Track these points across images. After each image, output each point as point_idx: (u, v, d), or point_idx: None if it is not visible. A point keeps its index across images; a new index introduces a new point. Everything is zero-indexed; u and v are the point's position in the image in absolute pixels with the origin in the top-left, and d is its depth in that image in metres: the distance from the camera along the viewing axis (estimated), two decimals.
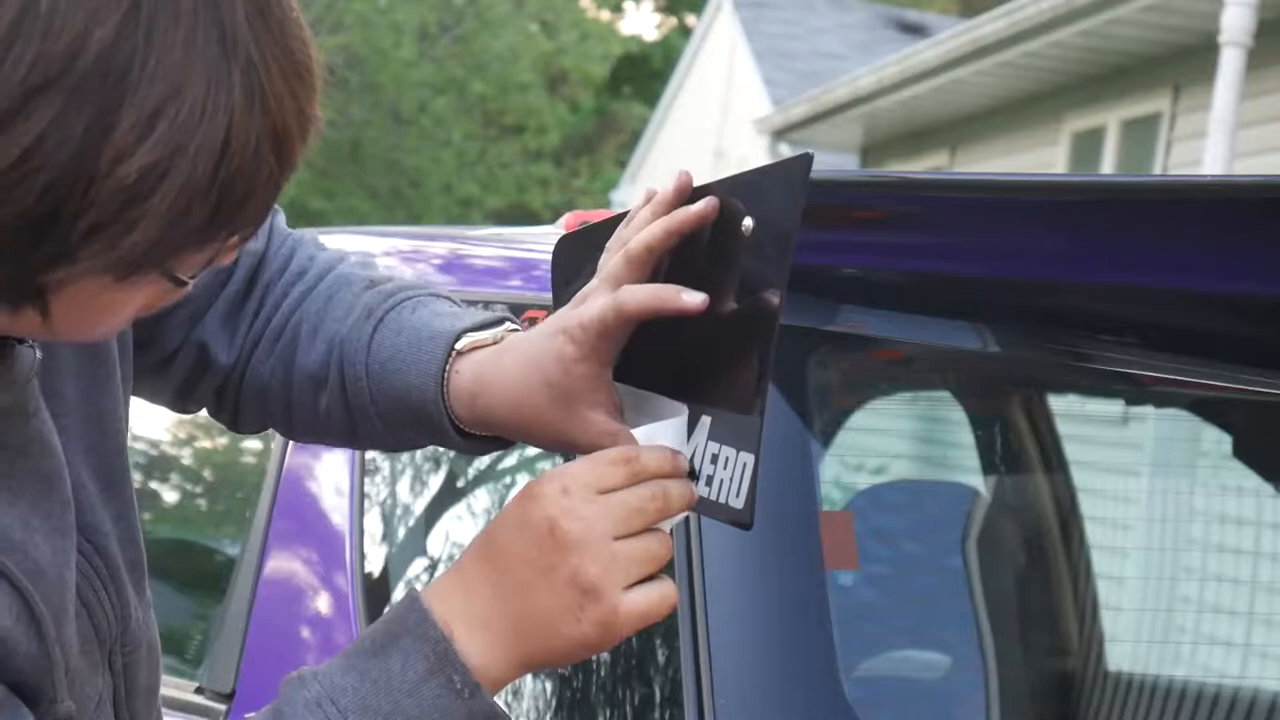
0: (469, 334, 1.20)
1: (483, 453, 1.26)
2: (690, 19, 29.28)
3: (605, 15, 29.13)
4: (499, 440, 1.23)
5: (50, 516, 1.06)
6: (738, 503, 1.08)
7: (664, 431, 1.11)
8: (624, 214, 1.21)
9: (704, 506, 1.12)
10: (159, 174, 0.87)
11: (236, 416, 1.33)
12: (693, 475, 1.11)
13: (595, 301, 1.11)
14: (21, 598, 1.01)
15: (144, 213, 0.88)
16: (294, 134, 0.94)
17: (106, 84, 0.86)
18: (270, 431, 1.37)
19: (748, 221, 1.07)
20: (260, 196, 0.94)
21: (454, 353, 1.20)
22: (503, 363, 1.17)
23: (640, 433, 1.11)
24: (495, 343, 1.20)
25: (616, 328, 1.10)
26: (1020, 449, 2.34)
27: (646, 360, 1.15)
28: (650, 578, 1.04)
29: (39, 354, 1.05)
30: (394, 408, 1.22)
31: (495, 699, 1.05)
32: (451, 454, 1.91)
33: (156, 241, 0.90)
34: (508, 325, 1.22)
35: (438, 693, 1.01)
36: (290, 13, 0.94)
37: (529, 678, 1.63)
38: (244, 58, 0.90)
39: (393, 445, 1.29)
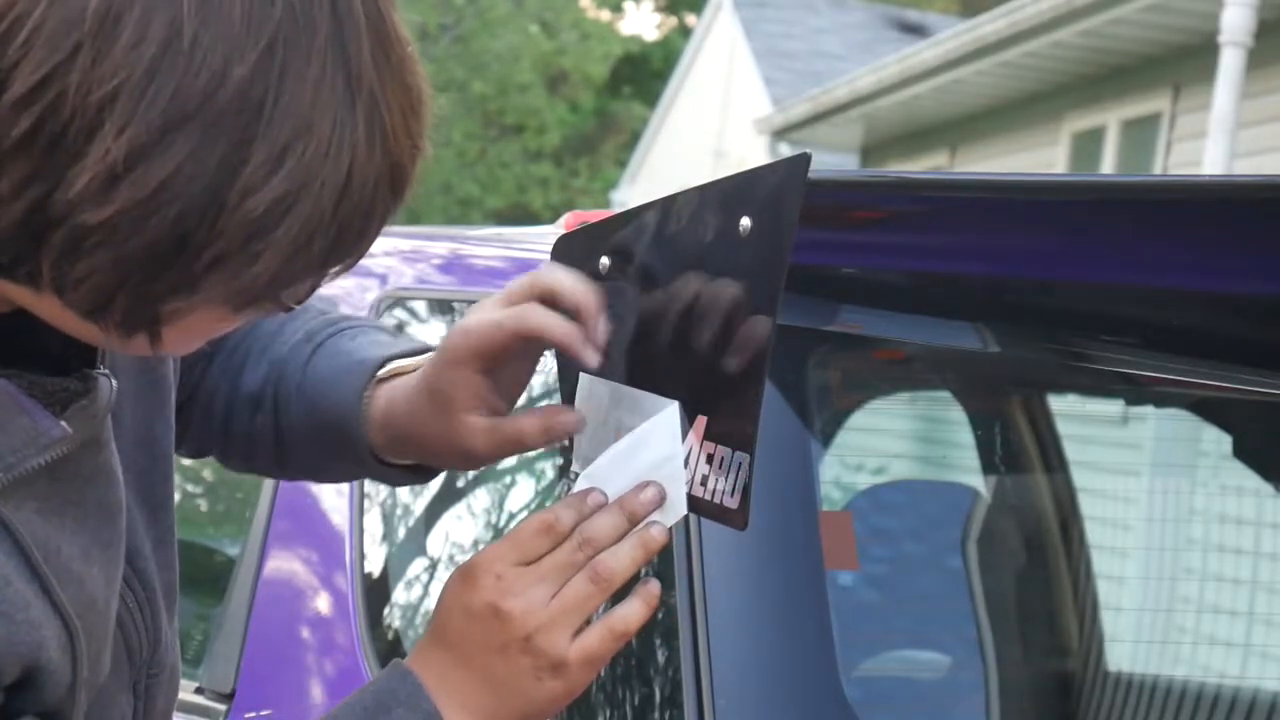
0: (393, 361, 1.24)
1: (399, 483, 1.30)
2: (690, 19, 29.27)
3: (605, 15, 29.11)
4: (416, 472, 1.27)
5: (109, 547, 1.08)
6: (733, 503, 1.08)
7: (653, 431, 1.11)
8: (624, 213, 1.21)
9: (700, 507, 1.12)
10: (285, 208, 0.89)
11: (184, 434, 1.34)
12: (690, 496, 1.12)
13: (486, 314, 1.15)
14: (69, 634, 1.02)
15: (267, 245, 0.90)
16: (408, 168, 0.96)
17: (241, 120, 0.88)
18: None
19: (745, 221, 1.07)
20: (374, 228, 0.96)
21: (375, 379, 1.24)
22: (409, 383, 1.21)
23: (630, 438, 1.12)
24: (417, 370, 1.23)
25: (498, 342, 1.14)
26: (1020, 449, 2.34)
27: (644, 361, 1.15)
28: (628, 600, 1.09)
29: (115, 384, 1.07)
30: (317, 431, 1.26)
31: None
32: None
33: (277, 273, 0.92)
34: (430, 354, 1.25)
35: None
36: (407, 48, 0.96)
37: None
38: (367, 96, 0.92)
39: (314, 473, 1.31)
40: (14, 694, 1.00)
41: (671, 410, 1.12)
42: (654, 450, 1.11)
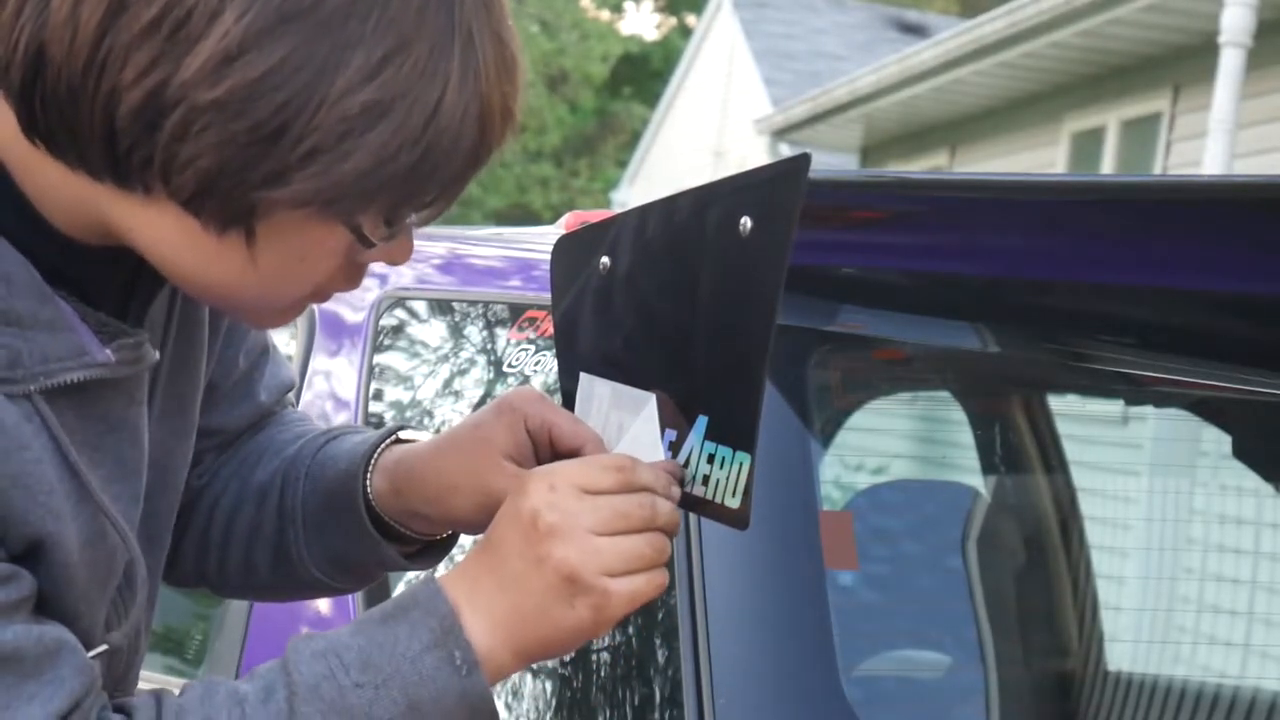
0: (410, 430, 1.29)
1: (400, 565, 1.29)
2: (690, 19, 29.26)
3: (605, 15, 29.11)
4: (423, 553, 1.29)
5: (117, 500, 1.09)
6: (734, 503, 1.08)
7: (636, 439, 1.12)
8: (625, 213, 1.22)
9: (700, 507, 1.12)
10: (378, 114, 0.97)
11: (179, 549, 1.34)
12: (682, 484, 1.12)
13: (564, 423, 1.18)
14: (97, 523, 1.05)
15: (358, 146, 0.97)
16: (496, 119, 1.03)
17: (348, 25, 0.96)
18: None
19: (745, 221, 1.07)
20: (455, 171, 1.02)
21: (394, 438, 1.28)
22: (436, 438, 1.26)
23: (623, 442, 1.13)
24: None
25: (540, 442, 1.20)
26: (1020, 449, 2.34)
27: (644, 361, 1.15)
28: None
29: (157, 355, 1.12)
30: (322, 497, 1.28)
31: (494, 692, 1.07)
32: None
33: (362, 176, 0.98)
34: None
35: (437, 665, 1.04)
36: (508, 18, 1.04)
37: (528, 677, 1.63)
38: (465, 35, 1.00)
39: (315, 562, 1.31)
40: (19, 562, 1.02)
41: (651, 403, 1.12)
42: (645, 448, 1.12)
